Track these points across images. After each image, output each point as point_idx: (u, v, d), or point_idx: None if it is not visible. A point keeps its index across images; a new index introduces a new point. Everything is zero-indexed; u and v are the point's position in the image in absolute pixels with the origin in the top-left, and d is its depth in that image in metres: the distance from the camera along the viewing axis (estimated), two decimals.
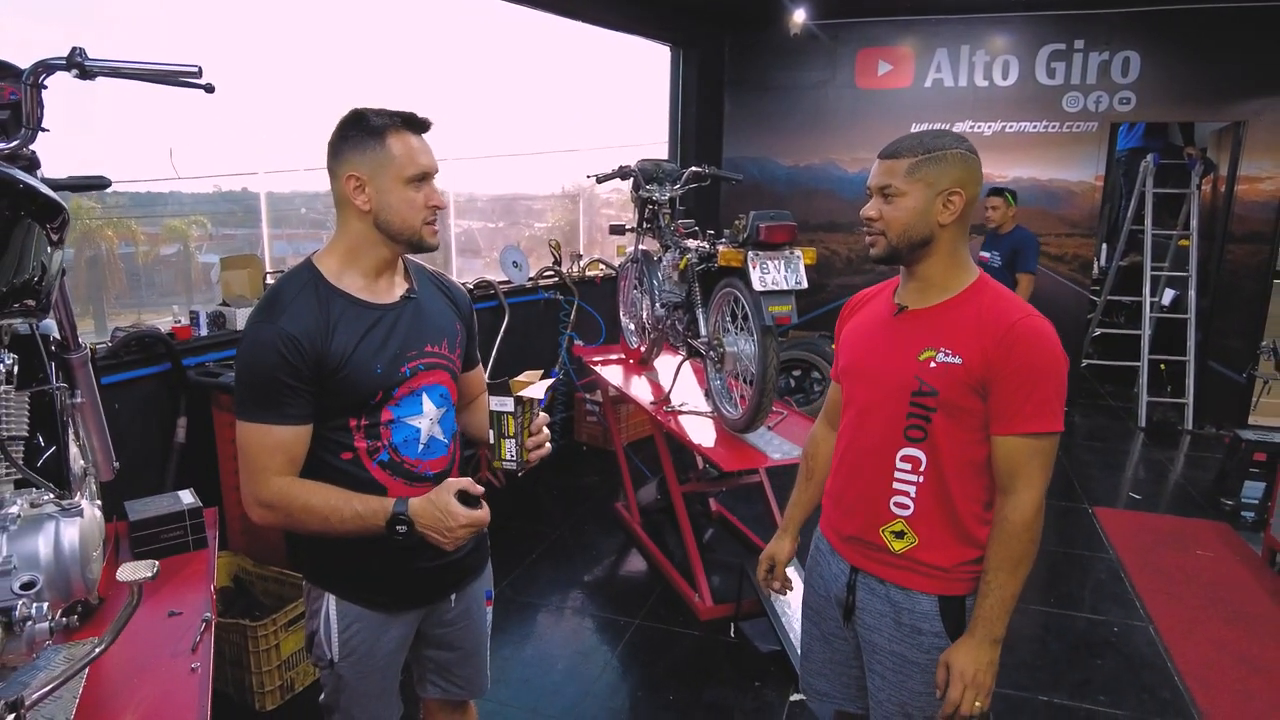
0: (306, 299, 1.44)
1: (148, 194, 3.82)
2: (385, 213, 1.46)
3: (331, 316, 1.44)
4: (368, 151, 1.43)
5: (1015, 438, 1.42)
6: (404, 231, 1.48)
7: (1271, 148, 5.62)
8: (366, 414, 1.48)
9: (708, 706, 2.73)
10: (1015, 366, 1.40)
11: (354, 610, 1.57)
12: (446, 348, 1.60)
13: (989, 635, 1.43)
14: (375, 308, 1.50)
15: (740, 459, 2.96)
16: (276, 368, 1.38)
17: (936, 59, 6.10)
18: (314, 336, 1.41)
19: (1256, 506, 4.31)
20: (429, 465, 1.56)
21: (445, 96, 4.68)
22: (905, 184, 1.45)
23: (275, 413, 1.40)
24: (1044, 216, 6.06)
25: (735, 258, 2.87)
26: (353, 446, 1.49)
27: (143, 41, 3.47)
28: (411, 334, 1.53)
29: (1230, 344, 5.88)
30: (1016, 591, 1.44)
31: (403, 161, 1.44)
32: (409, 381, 1.51)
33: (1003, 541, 1.44)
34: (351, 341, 1.44)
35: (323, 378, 1.43)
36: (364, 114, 1.45)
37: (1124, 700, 2.77)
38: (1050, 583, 3.63)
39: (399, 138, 1.44)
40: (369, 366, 1.46)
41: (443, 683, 1.79)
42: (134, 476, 2.72)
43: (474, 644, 1.79)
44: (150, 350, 2.94)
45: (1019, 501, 1.43)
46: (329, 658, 1.59)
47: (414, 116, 1.47)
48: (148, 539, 2.07)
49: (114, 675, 1.61)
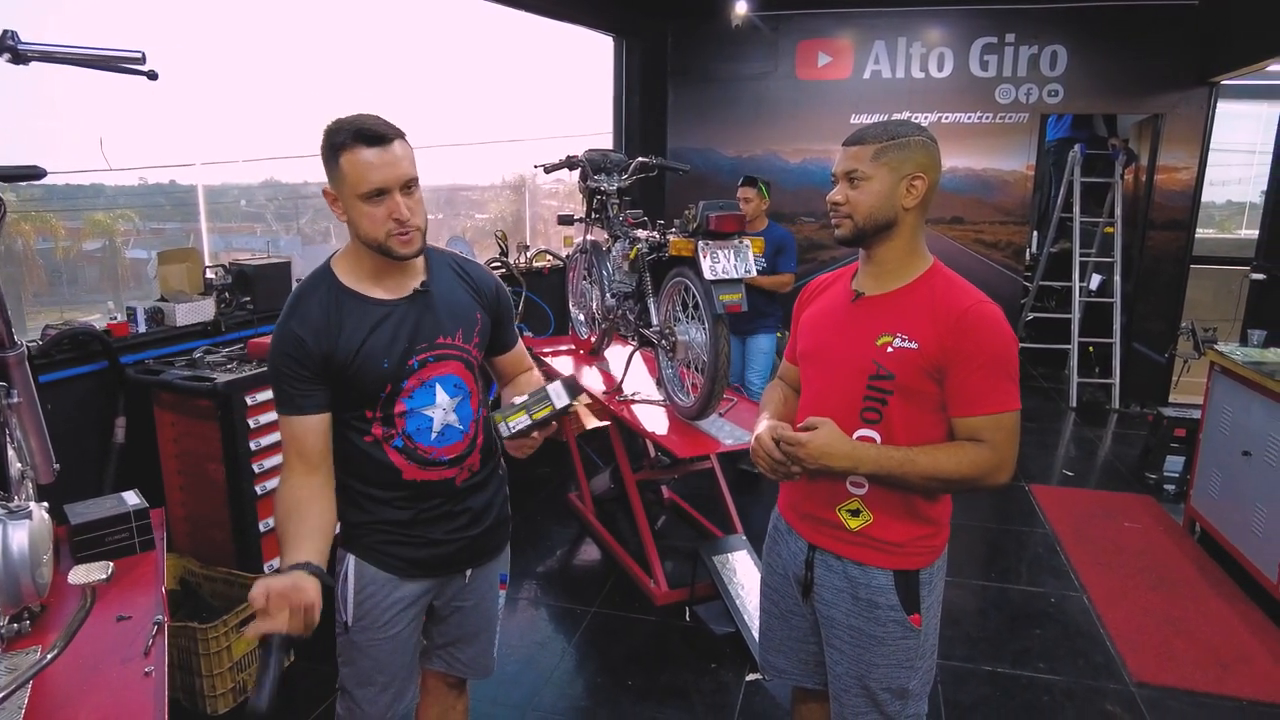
0: (318, 299, 1.53)
1: (66, 186, 3.66)
2: (354, 226, 1.51)
3: (340, 314, 1.52)
4: (331, 169, 1.47)
5: (974, 418, 1.49)
6: (372, 243, 1.50)
7: (1187, 140, 5.91)
8: (380, 406, 1.56)
9: (666, 689, 2.77)
10: (969, 351, 1.46)
11: (369, 571, 1.63)
12: (461, 338, 1.63)
13: (863, 455, 1.48)
14: (384, 304, 1.56)
15: (693, 445, 3.00)
16: (285, 364, 1.50)
17: (875, 51, 6.22)
18: (320, 335, 1.50)
19: (1177, 479, 4.56)
20: (442, 452, 1.62)
21: (384, 85, 4.59)
22: (871, 168, 1.51)
23: (290, 405, 1.51)
24: (979, 205, 6.26)
25: (686, 247, 2.90)
26: (371, 432, 1.58)
27: (71, 25, 3.32)
28: (422, 327, 1.57)
29: (1152, 326, 6.17)
30: (910, 474, 1.47)
31: (354, 180, 1.45)
32: (418, 374, 1.57)
33: (950, 451, 1.49)
34: (358, 338, 1.52)
35: (333, 373, 1.51)
36: (330, 130, 1.47)
37: (1061, 666, 2.91)
38: (990, 558, 3.77)
39: (351, 155, 1.44)
40: (376, 361, 1.52)
41: (448, 659, 1.83)
42: (70, 480, 2.62)
43: (484, 623, 1.83)
44: (85, 348, 2.83)
45: (982, 449, 1.48)
46: (344, 619, 1.65)
47: (368, 129, 1.44)
48: (92, 543, 2.00)
49: (62, 684, 1.55)
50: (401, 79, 4.70)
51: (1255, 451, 3.35)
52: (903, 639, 1.59)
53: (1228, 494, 3.59)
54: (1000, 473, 1.49)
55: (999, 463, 1.48)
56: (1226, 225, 8.50)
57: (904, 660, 1.60)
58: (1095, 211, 6.53)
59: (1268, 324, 3.96)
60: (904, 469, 1.48)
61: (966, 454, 1.48)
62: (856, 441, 1.51)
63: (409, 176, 1.48)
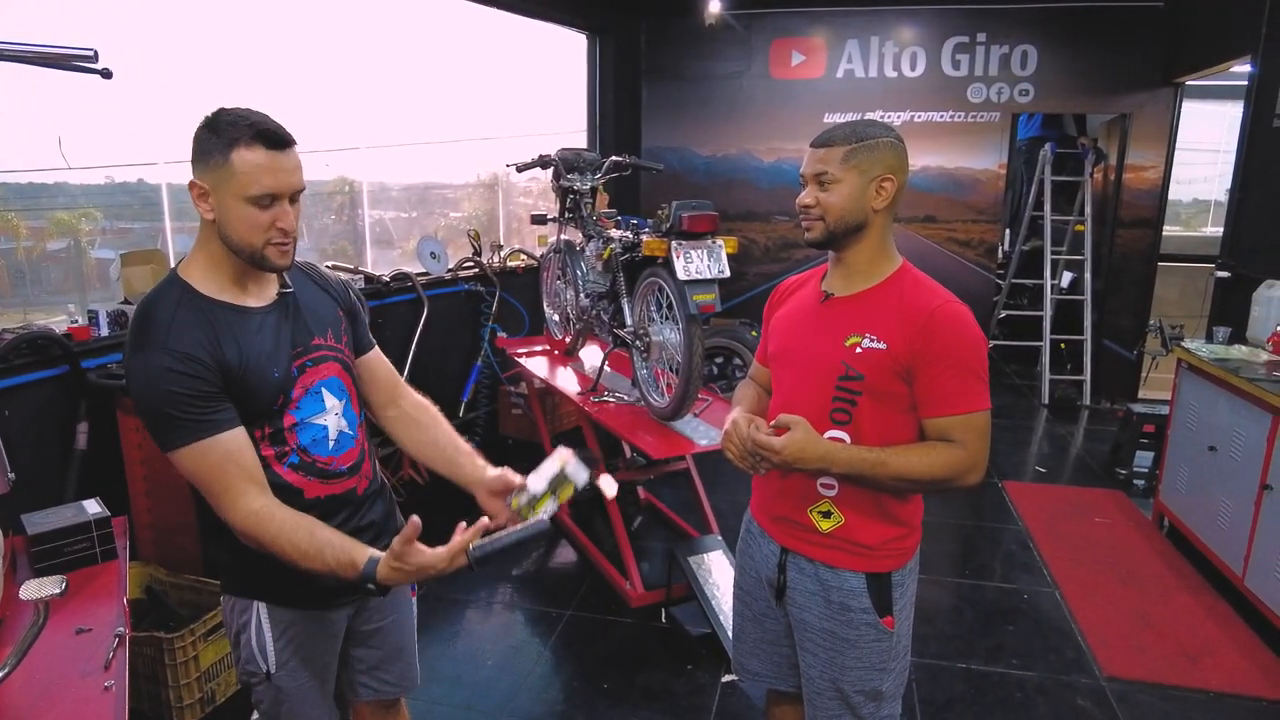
0: (186, 315, 1.36)
1: (29, 185, 3.57)
2: (225, 228, 1.37)
3: (216, 327, 1.37)
4: (211, 161, 1.33)
5: (944, 419, 1.48)
6: (244, 250, 1.38)
7: (1153, 139, 6.00)
8: (269, 421, 1.43)
9: (642, 691, 2.76)
10: (937, 352, 1.46)
11: (287, 615, 1.51)
12: (333, 338, 1.55)
13: (836, 456, 1.47)
14: (254, 311, 1.44)
15: (668, 446, 2.99)
16: (180, 389, 1.31)
17: (848, 50, 6.25)
18: (207, 348, 1.34)
19: (1146, 475, 4.62)
20: (340, 460, 1.53)
21: (355, 82, 4.53)
22: (841, 171, 1.50)
23: (200, 428, 1.33)
24: (951, 203, 6.31)
25: (659, 247, 2.88)
26: (260, 455, 1.43)
27: (28, 20, 3.24)
28: (297, 330, 1.48)
29: (1122, 323, 6.26)
30: (881, 475, 1.47)
31: (244, 180, 1.32)
32: (302, 379, 1.47)
33: (921, 452, 1.48)
34: (241, 349, 1.38)
35: (228, 386, 1.37)
36: (218, 118, 1.33)
37: (1034, 662, 2.93)
38: (964, 555, 3.80)
39: (247, 152, 1.32)
40: (266, 372, 1.40)
41: (374, 683, 1.75)
42: (31, 488, 2.56)
43: (404, 638, 1.76)
44: (45, 352, 2.76)
45: (953, 450, 1.47)
46: (264, 669, 1.53)
47: (270, 130, 1.34)
48: (50, 553, 1.94)
49: (17, 700, 1.51)
50: (373, 76, 4.64)
51: (1220, 447, 3.40)
52: (875, 641, 1.59)
53: (1194, 489, 3.65)
54: (972, 473, 1.49)
55: (971, 463, 1.48)
56: (1192, 223, 8.64)
57: (877, 663, 1.60)
58: (1066, 210, 6.61)
59: (1232, 321, 4.02)
60: (875, 470, 1.47)
61: (938, 455, 1.48)
62: (830, 442, 1.50)
63: (301, 187, 1.40)
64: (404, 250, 5.26)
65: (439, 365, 4.83)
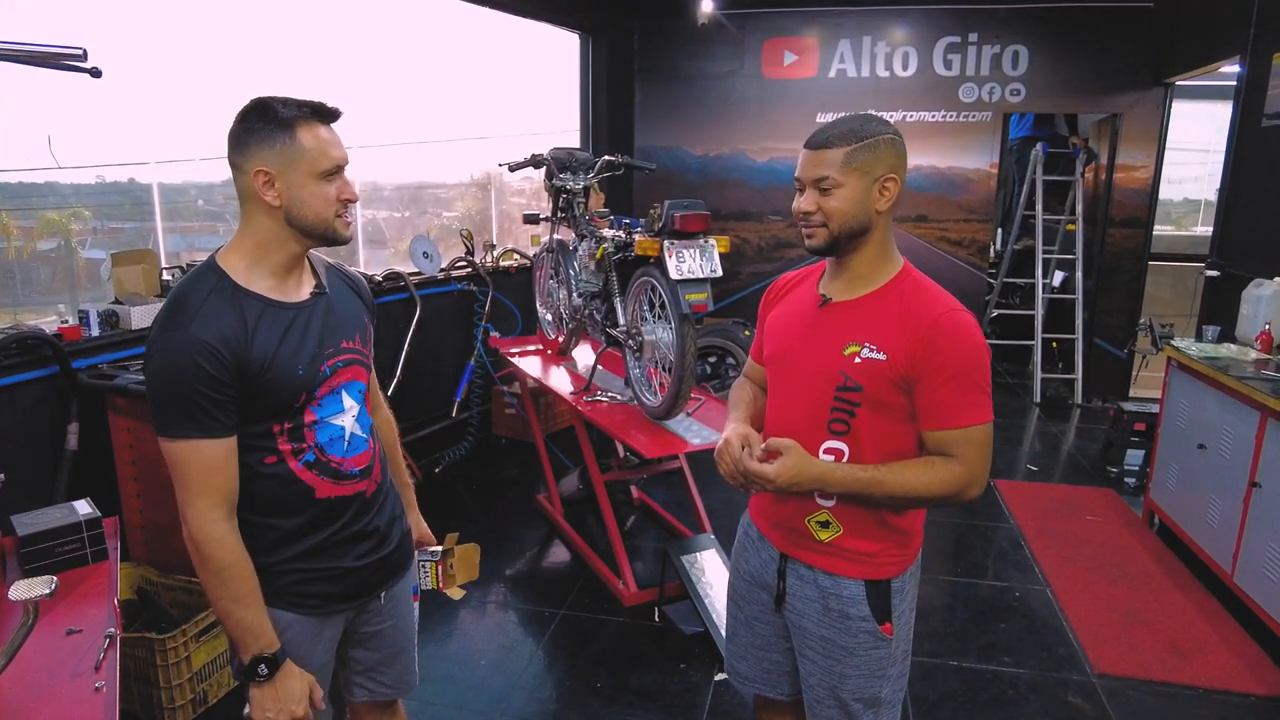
0: (218, 303, 1.35)
1: (19, 184, 3.55)
2: (298, 208, 1.39)
3: (249, 320, 1.36)
4: (276, 144, 1.35)
5: (943, 432, 1.44)
6: (318, 226, 1.41)
7: (1144, 139, 6.02)
8: (290, 417, 1.43)
9: (635, 690, 2.76)
10: (939, 363, 1.41)
11: (285, 617, 1.50)
12: (360, 342, 1.56)
13: (830, 477, 1.44)
14: (289, 307, 1.44)
15: (661, 445, 2.99)
16: (195, 379, 1.30)
17: (840, 49, 6.26)
18: (233, 343, 1.33)
19: (1137, 473, 4.64)
20: (353, 463, 1.53)
21: (347, 82, 4.52)
22: (842, 174, 1.42)
23: (200, 427, 1.32)
24: (944, 203, 6.33)
25: (652, 247, 2.89)
26: (277, 450, 1.43)
27: (16, 19, 3.22)
28: (327, 331, 1.48)
29: (1113, 322, 6.28)
30: (877, 494, 1.43)
31: (315, 155, 1.37)
32: (330, 380, 1.47)
33: (919, 469, 1.44)
34: (272, 344, 1.38)
35: (245, 384, 1.36)
36: (270, 104, 1.36)
37: (1026, 660, 2.95)
38: (957, 554, 3.81)
39: (309, 130, 1.37)
40: (291, 368, 1.40)
41: (371, 685, 1.74)
42: (21, 489, 2.55)
43: (403, 641, 1.76)
44: (35, 353, 2.75)
45: (951, 465, 1.43)
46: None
47: (323, 106, 1.40)
48: (40, 554, 1.94)
49: (6, 702, 1.50)
50: (366, 75, 4.63)
51: (1209, 445, 3.42)
52: (874, 649, 1.56)
53: (1184, 486, 3.67)
54: (972, 488, 1.44)
55: (970, 478, 1.43)
56: (1183, 222, 8.68)
57: (876, 670, 1.57)
58: (1057, 209, 6.63)
59: (1222, 320, 4.05)
60: (871, 490, 1.43)
61: (936, 471, 1.43)
62: (823, 464, 1.45)
63: (349, 159, 1.45)
64: (397, 250, 5.25)
65: (432, 365, 4.83)
